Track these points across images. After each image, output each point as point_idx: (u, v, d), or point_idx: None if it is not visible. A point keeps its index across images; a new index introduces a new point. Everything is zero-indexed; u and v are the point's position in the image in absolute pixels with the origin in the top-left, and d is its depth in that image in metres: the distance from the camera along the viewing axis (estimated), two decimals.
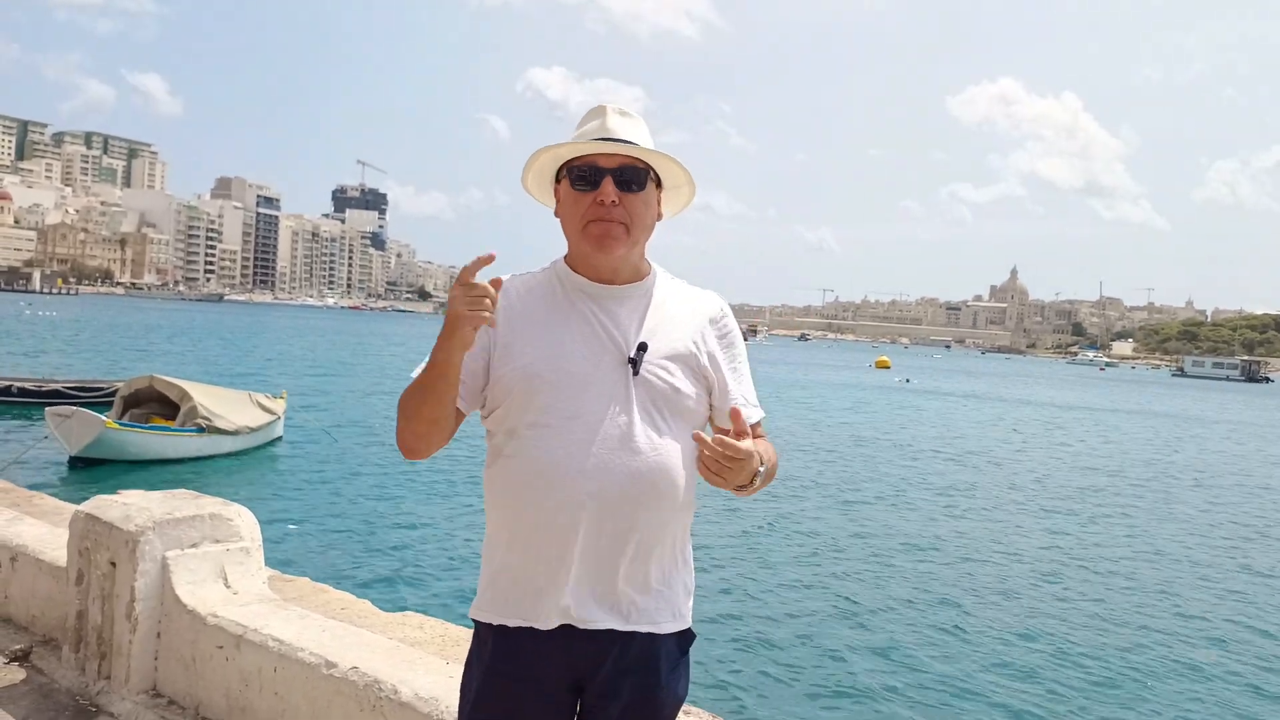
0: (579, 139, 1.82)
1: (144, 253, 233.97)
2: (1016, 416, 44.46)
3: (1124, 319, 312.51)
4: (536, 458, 1.73)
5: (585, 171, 1.78)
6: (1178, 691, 9.31)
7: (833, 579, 12.53)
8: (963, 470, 24.10)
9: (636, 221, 1.80)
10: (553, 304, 1.83)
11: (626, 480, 1.72)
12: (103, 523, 3.48)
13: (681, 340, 1.83)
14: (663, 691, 1.82)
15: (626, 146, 1.77)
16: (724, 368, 1.88)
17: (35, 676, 3.68)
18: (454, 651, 3.28)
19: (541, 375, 1.75)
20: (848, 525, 16.04)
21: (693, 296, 1.92)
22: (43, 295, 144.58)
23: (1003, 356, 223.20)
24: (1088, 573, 13.85)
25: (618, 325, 1.80)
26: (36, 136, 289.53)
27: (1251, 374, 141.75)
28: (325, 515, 14.38)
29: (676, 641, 1.85)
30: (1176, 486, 23.87)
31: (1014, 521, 17.49)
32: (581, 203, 1.79)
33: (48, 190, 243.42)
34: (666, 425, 1.77)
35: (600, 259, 1.80)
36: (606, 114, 1.83)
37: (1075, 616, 11.55)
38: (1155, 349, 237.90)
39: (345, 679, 2.84)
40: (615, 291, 1.83)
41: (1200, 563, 15.11)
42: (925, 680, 9.07)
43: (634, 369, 1.76)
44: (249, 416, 18.43)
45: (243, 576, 3.57)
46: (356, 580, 10.80)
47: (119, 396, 17.77)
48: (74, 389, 23.24)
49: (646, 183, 1.81)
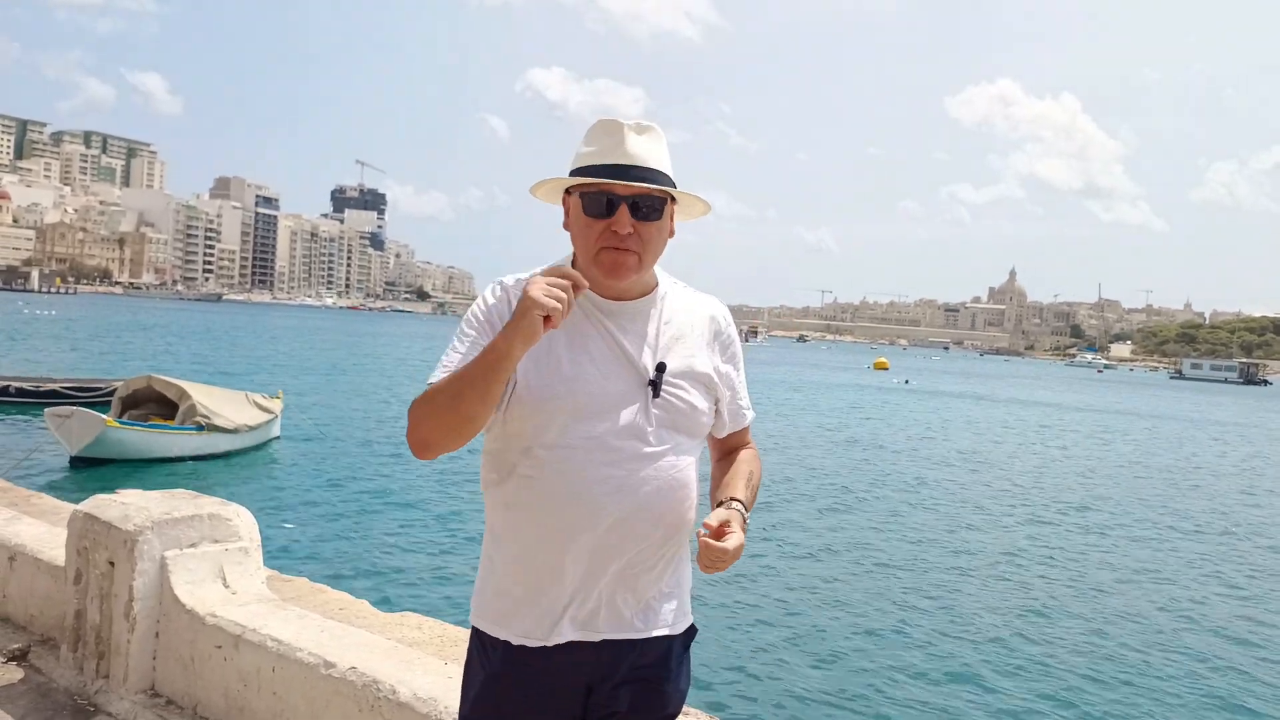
0: (591, 159, 1.73)
1: (142, 252, 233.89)
2: (1012, 417, 44.48)
3: (1122, 321, 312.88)
4: (557, 480, 1.70)
5: (600, 197, 1.71)
6: (1169, 688, 9.32)
7: (830, 579, 12.53)
8: (958, 471, 24.10)
9: (650, 250, 1.75)
10: (566, 319, 1.74)
11: (649, 501, 1.72)
12: (101, 522, 3.48)
13: (695, 357, 1.82)
14: (669, 685, 1.84)
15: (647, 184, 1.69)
16: (731, 379, 1.89)
17: (33, 676, 3.68)
18: (452, 651, 3.28)
19: (560, 396, 1.71)
20: (844, 526, 16.04)
21: (698, 305, 1.89)
22: (41, 294, 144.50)
23: (1001, 358, 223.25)
24: (1086, 572, 13.86)
25: (634, 344, 1.77)
26: (35, 136, 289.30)
27: (1250, 377, 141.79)
28: (324, 515, 14.38)
29: (682, 638, 1.87)
30: (1168, 484, 23.91)
31: (1010, 521, 17.49)
32: (594, 229, 1.72)
33: (46, 189, 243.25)
34: (681, 442, 1.78)
35: (610, 284, 1.76)
36: (624, 134, 1.72)
37: (1076, 617, 11.56)
38: (1154, 351, 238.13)
39: (344, 679, 2.84)
40: (627, 308, 1.79)
41: (1184, 557, 15.13)
42: (924, 679, 9.07)
43: (654, 391, 1.74)
44: (247, 416, 18.43)
45: (241, 576, 3.57)
46: (355, 580, 10.79)
47: (117, 397, 17.74)
48: (72, 389, 23.23)
49: (664, 210, 1.75)
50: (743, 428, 1.95)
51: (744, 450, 1.96)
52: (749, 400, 1.96)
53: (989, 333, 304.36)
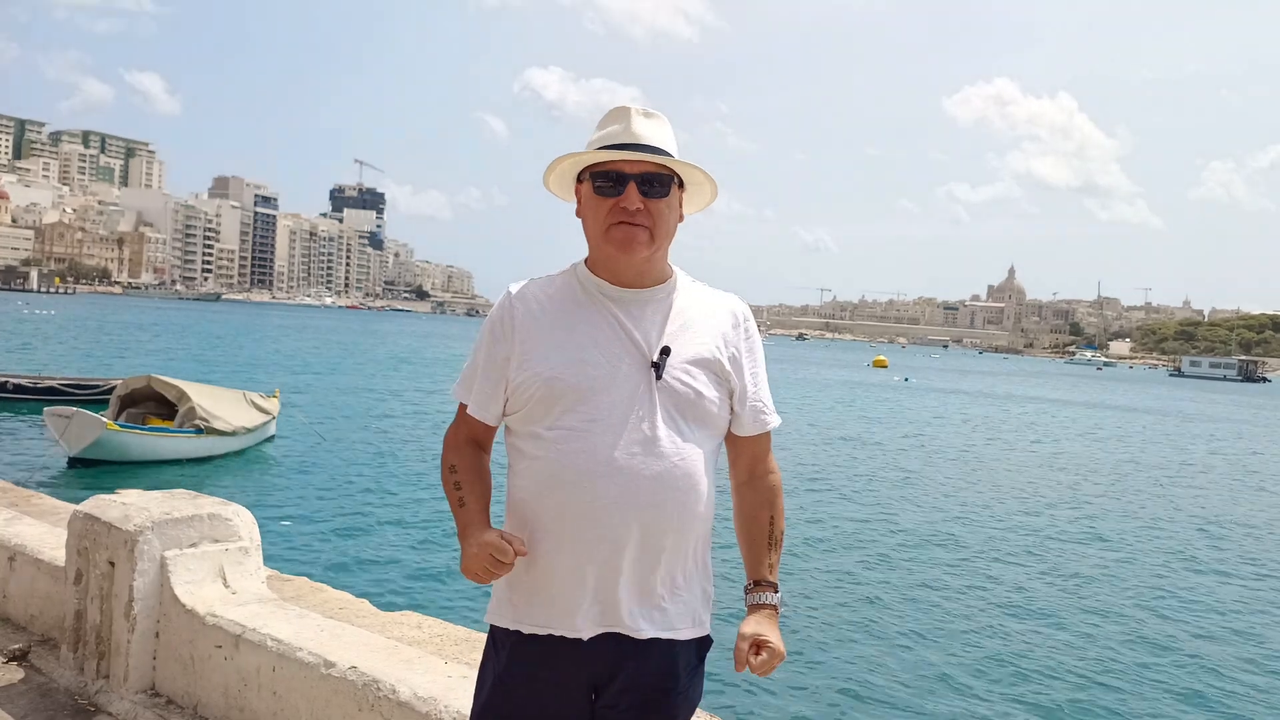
0: (601, 141, 1.80)
1: (141, 252, 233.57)
2: (1009, 413, 44.49)
3: (1121, 319, 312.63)
4: (558, 461, 1.72)
5: (609, 176, 1.76)
6: (1159, 682, 9.34)
7: (830, 578, 12.54)
8: (954, 467, 24.10)
9: (660, 226, 1.78)
10: (574, 307, 1.81)
11: (649, 485, 1.71)
12: (101, 522, 3.48)
13: (705, 344, 1.82)
14: (679, 697, 1.82)
15: (652, 155, 1.76)
16: (745, 372, 1.87)
17: (34, 676, 3.68)
18: (452, 651, 3.29)
19: (563, 379, 1.73)
20: (848, 524, 16.04)
21: (715, 300, 1.90)
22: (40, 294, 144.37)
23: (1000, 356, 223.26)
24: (1085, 572, 13.88)
25: (640, 329, 1.78)
26: (34, 135, 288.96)
27: (1249, 374, 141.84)
28: (323, 514, 14.38)
29: (695, 648, 1.85)
30: (1167, 481, 23.94)
31: (1010, 519, 17.50)
32: (604, 206, 1.77)
33: (45, 189, 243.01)
34: (689, 430, 1.77)
35: (623, 261, 1.78)
36: (631, 117, 1.80)
37: (1077, 619, 11.57)
38: (1153, 349, 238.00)
39: (343, 678, 2.84)
40: (638, 295, 1.81)
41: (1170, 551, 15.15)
42: (923, 679, 9.08)
43: (657, 373, 1.75)
44: (245, 416, 18.39)
45: (241, 576, 3.57)
46: (355, 579, 10.80)
47: (115, 396, 17.68)
48: (69, 386, 23.22)
49: (670, 187, 1.79)
50: (763, 433, 1.92)
51: (766, 479, 1.93)
52: (772, 404, 1.93)
53: (989, 331, 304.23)
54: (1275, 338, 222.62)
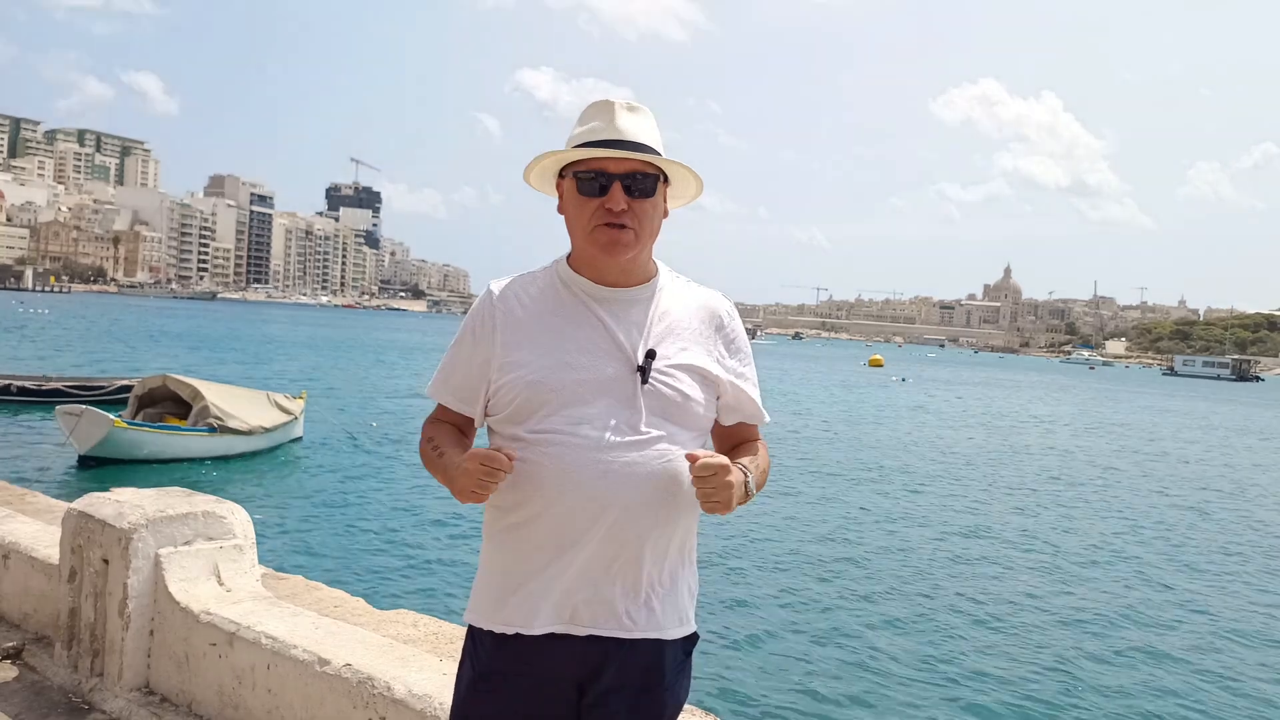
0: (584, 137, 1.75)
1: (137, 251, 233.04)
2: (1005, 410, 44.60)
3: (1117, 318, 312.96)
4: (543, 465, 1.69)
5: (593, 176, 1.72)
6: (1150, 679, 9.37)
7: (828, 576, 12.55)
8: (951, 465, 24.13)
9: (645, 226, 1.74)
10: (558, 308, 1.77)
11: (636, 487, 1.69)
12: (95, 520, 3.48)
13: (690, 346, 1.79)
14: (666, 694, 1.80)
15: (637, 152, 1.71)
16: (732, 372, 1.84)
17: (27, 674, 3.68)
18: (448, 649, 3.28)
19: (546, 383, 1.70)
20: (843, 522, 16.06)
21: (699, 298, 1.86)
22: (35, 293, 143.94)
23: (995, 355, 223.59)
24: (1084, 571, 13.91)
25: (625, 331, 1.75)
26: (29, 134, 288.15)
27: (1242, 373, 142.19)
28: (319, 512, 14.37)
29: (682, 645, 1.83)
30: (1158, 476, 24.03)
31: (1010, 517, 17.54)
32: (588, 207, 1.73)
33: (40, 188, 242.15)
34: (675, 433, 1.74)
35: (607, 263, 1.75)
36: (614, 111, 1.75)
37: (1078, 619, 11.59)
38: (1148, 348, 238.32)
39: (338, 676, 2.84)
40: (621, 295, 1.78)
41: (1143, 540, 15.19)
42: (923, 678, 9.09)
43: (643, 377, 1.72)
44: (264, 416, 18.13)
45: (236, 574, 3.56)
46: (350, 577, 10.78)
47: (133, 395, 17.61)
48: (74, 387, 23.13)
49: (656, 185, 1.75)
50: (751, 425, 1.92)
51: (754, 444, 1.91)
52: (760, 401, 1.91)
53: (985, 330, 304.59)
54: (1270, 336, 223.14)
